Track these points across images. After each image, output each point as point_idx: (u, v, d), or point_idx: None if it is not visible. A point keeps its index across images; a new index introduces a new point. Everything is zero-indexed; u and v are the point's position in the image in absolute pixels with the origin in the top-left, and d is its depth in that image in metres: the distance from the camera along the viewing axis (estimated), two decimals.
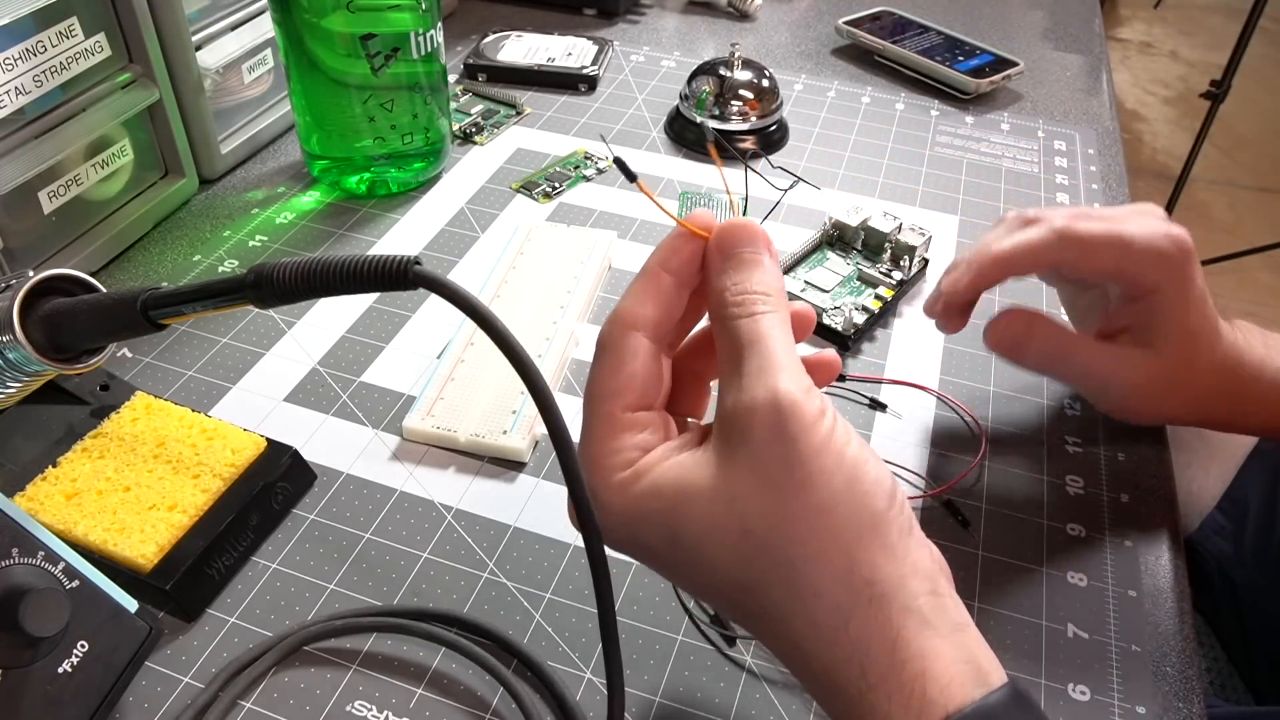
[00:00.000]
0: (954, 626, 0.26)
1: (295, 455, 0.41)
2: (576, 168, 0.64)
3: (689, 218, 0.30)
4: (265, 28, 0.62)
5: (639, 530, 0.28)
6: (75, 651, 0.30)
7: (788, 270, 0.54)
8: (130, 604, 0.33)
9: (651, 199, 0.30)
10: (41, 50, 0.47)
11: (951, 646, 0.26)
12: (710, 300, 0.30)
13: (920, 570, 0.27)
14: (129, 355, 0.48)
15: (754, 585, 0.27)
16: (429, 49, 0.56)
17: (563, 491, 0.41)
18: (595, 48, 0.76)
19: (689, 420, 0.33)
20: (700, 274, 0.30)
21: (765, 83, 0.66)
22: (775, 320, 0.28)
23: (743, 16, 0.88)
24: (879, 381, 0.49)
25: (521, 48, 0.76)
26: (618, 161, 0.31)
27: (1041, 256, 0.41)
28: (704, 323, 0.32)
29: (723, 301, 0.29)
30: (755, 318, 0.28)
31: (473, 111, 0.70)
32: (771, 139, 0.68)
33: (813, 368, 0.32)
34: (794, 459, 0.26)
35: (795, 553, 0.26)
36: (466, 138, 0.67)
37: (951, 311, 0.44)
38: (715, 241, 0.30)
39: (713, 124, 0.65)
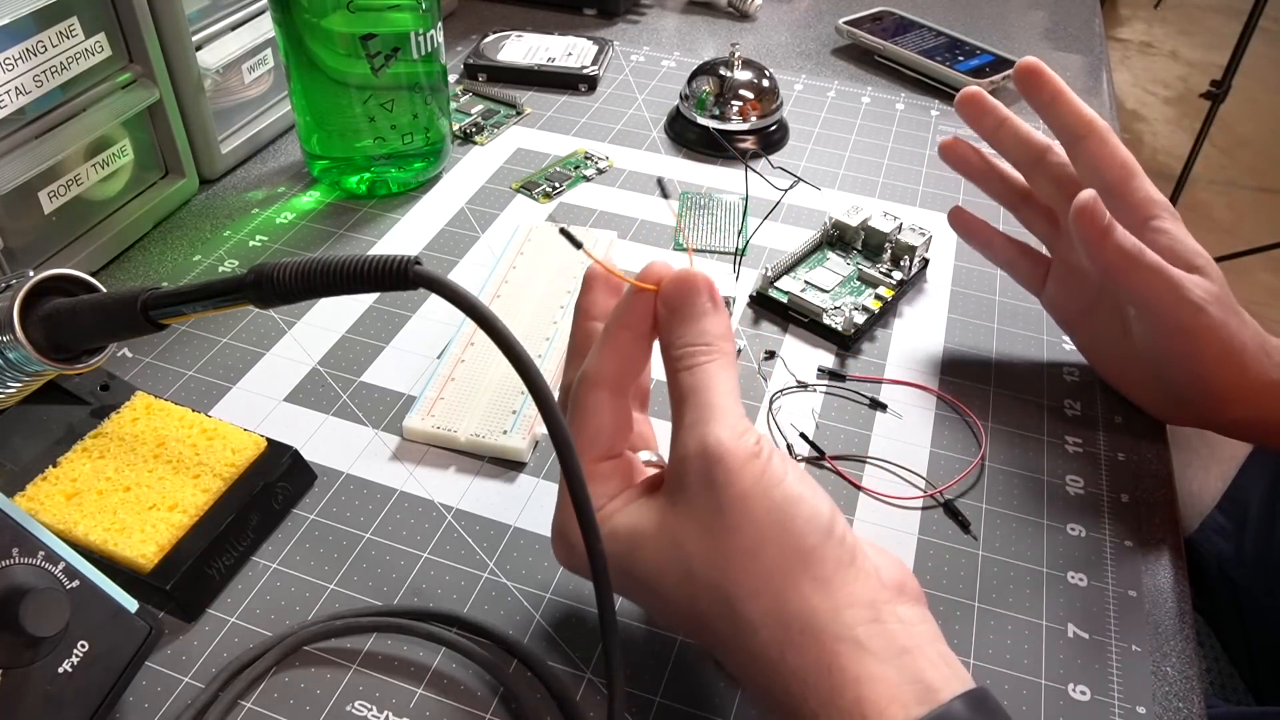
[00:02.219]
0: (898, 650, 0.27)
1: (295, 455, 0.41)
2: (576, 168, 0.64)
3: (642, 273, 0.32)
4: (265, 28, 0.62)
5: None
6: (75, 651, 0.30)
7: (788, 270, 0.54)
8: (130, 604, 0.33)
9: (600, 264, 0.32)
10: (41, 50, 0.47)
11: (894, 670, 0.26)
12: (662, 353, 0.32)
13: (858, 600, 0.28)
14: (129, 355, 0.48)
15: (702, 620, 0.29)
16: (429, 49, 0.56)
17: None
18: (595, 48, 0.76)
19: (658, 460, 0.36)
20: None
21: (765, 83, 0.66)
22: (714, 369, 0.30)
23: (743, 16, 0.88)
24: (879, 381, 0.49)
25: (521, 48, 0.76)
26: (563, 231, 0.32)
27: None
28: None
29: (667, 356, 0.31)
30: (694, 369, 0.30)
31: (473, 111, 0.70)
32: (771, 139, 0.68)
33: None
34: (724, 505, 0.28)
35: (731, 592, 0.28)
36: (466, 138, 0.67)
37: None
38: (661, 296, 0.32)
39: (713, 124, 0.65)
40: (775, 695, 0.28)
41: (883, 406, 0.47)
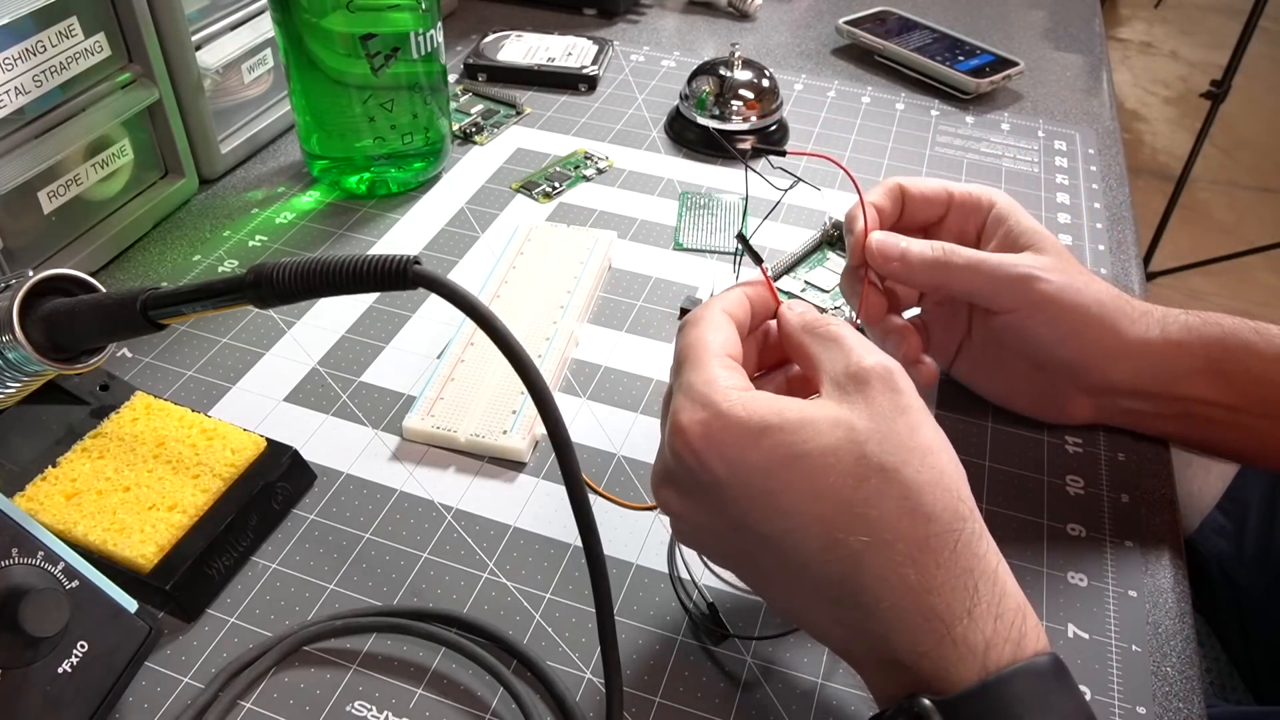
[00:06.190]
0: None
1: (295, 455, 0.41)
2: (576, 168, 0.64)
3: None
4: (265, 28, 0.62)
5: (760, 441, 0.30)
6: (75, 651, 0.30)
7: (788, 270, 0.54)
8: (130, 604, 0.33)
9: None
10: (41, 50, 0.47)
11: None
12: (788, 329, 0.34)
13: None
14: (129, 355, 0.48)
15: (863, 504, 0.29)
16: (429, 49, 0.56)
17: (562, 491, 0.41)
18: (595, 48, 0.76)
19: None
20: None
21: (765, 83, 0.66)
22: (845, 328, 0.34)
23: (743, 16, 0.88)
24: None
25: (521, 48, 0.76)
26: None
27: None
28: None
29: (807, 326, 0.34)
30: (838, 325, 0.33)
31: (473, 111, 0.70)
32: (771, 139, 0.68)
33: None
34: (906, 406, 0.30)
35: (912, 478, 0.29)
36: (466, 138, 0.67)
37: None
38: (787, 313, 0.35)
39: (713, 124, 0.65)
40: (932, 588, 0.28)
41: None
